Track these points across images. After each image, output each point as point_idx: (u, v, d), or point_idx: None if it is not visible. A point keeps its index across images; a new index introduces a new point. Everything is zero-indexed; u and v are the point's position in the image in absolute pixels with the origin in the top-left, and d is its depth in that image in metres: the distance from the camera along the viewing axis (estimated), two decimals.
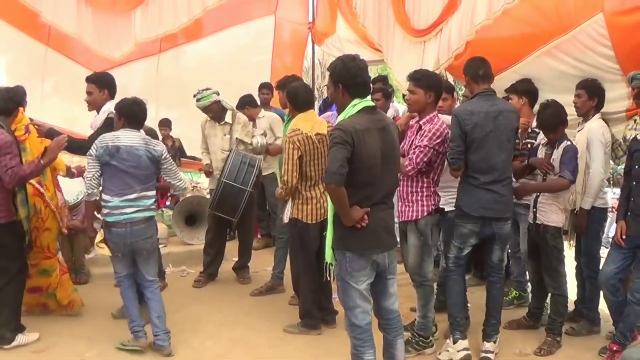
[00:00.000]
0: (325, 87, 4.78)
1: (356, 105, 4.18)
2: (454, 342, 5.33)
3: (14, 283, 5.54)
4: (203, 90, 7.31)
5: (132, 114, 5.44)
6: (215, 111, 7.37)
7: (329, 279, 4.49)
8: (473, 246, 5.36)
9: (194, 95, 7.33)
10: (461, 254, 5.35)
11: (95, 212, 5.69)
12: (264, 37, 11.29)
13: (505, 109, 5.25)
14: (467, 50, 6.55)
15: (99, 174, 5.27)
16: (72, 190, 6.10)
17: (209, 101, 7.26)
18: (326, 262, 4.42)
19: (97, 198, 5.31)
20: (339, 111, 4.42)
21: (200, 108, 7.35)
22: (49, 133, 5.98)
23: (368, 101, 4.26)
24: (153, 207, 5.44)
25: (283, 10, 11.36)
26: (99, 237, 5.47)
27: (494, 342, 5.42)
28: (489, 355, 5.36)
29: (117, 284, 5.59)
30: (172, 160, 5.62)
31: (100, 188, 5.32)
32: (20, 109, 5.77)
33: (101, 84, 6.14)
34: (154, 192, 5.47)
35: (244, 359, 5.48)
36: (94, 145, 5.31)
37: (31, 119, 6.46)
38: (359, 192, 4.13)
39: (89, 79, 6.22)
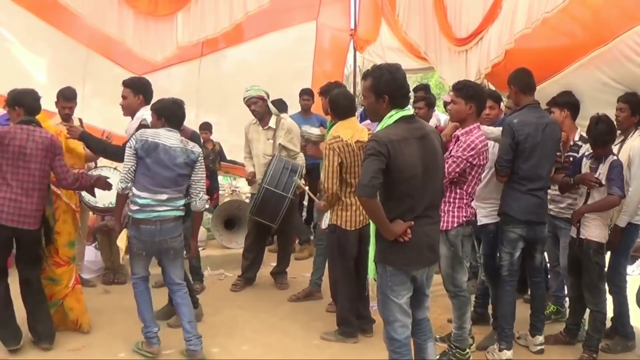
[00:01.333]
0: None
1: (392, 115, 4.12)
2: (500, 350, 5.43)
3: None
4: (254, 85, 7.41)
5: (171, 113, 5.42)
6: (260, 107, 7.37)
7: (370, 293, 4.46)
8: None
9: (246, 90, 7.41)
10: (513, 260, 5.45)
11: None
12: (305, 44, 11.30)
13: (551, 121, 5.45)
14: (506, 59, 6.50)
15: (134, 168, 5.23)
16: (105, 194, 6.10)
17: (258, 93, 7.32)
18: (367, 276, 4.40)
19: (129, 192, 5.27)
20: (373, 121, 4.41)
21: (247, 98, 7.37)
22: (83, 137, 5.94)
23: (406, 111, 4.19)
24: (182, 207, 5.39)
25: (325, 16, 11.37)
26: (123, 233, 5.43)
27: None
28: (543, 347, 5.68)
29: (133, 287, 5.51)
30: (204, 169, 5.52)
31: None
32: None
33: (136, 89, 6.05)
34: (183, 195, 5.40)
35: None
36: (133, 137, 5.30)
37: (80, 120, 6.51)
38: (400, 205, 4.08)
39: (125, 83, 6.16)
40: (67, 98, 6.95)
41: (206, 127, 9.87)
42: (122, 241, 5.35)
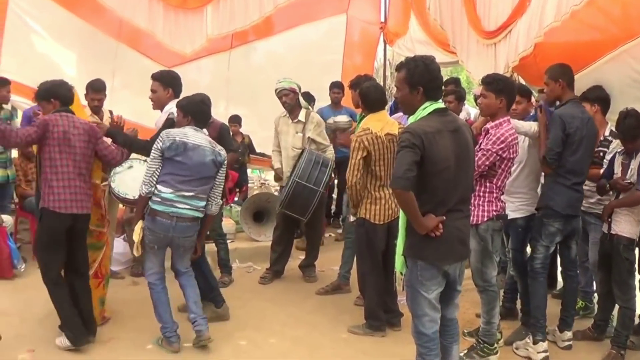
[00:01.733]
0: (396, 88, 4.77)
1: (427, 107, 4.07)
2: (535, 343, 5.41)
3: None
4: (286, 77, 7.45)
5: (198, 111, 5.41)
6: (291, 100, 7.38)
7: (397, 287, 4.44)
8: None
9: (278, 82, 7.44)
10: (548, 253, 5.48)
11: None
12: (335, 36, 11.29)
13: (591, 117, 5.48)
14: (536, 53, 6.45)
15: (159, 171, 5.22)
16: (135, 187, 6.12)
17: (290, 86, 7.35)
18: (395, 270, 4.38)
19: (150, 196, 5.23)
20: (406, 113, 4.36)
21: (279, 90, 7.38)
22: (110, 133, 5.87)
23: (439, 103, 4.15)
24: (202, 209, 5.38)
25: (355, 9, 11.35)
26: (139, 226, 5.40)
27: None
28: (571, 342, 5.65)
29: (149, 287, 5.45)
30: (225, 175, 5.57)
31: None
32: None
33: (166, 83, 6.02)
34: (206, 197, 5.38)
35: (307, 358, 5.46)
36: (160, 138, 5.27)
37: (110, 112, 6.53)
38: (432, 198, 4.03)
39: (154, 77, 6.13)
40: (96, 90, 7.00)
41: (235, 119, 9.91)
42: (136, 235, 5.30)
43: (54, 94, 5.46)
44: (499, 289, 5.55)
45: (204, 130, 5.49)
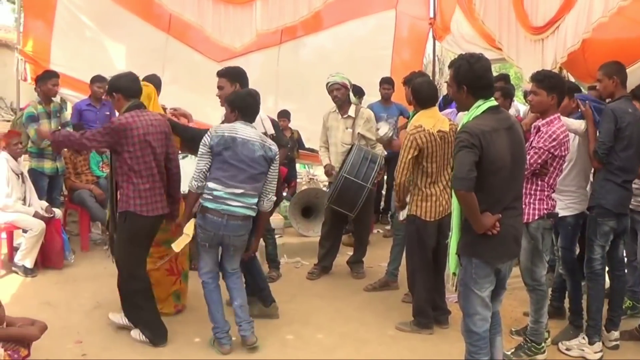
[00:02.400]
0: (445, 84, 4.75)
1: (480, 106, 4.09)
2: (591, 344, 5.37)
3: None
4: (339, 72, 7.44)
5: (246, 105, 5.36)
6: (343, 95, 7.38)
7: (451, 287, 4.43)
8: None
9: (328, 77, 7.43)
10: (604, 252, 5.42)
11: None
12: (384, 32, 11.22)
13: None
14: (585, 49, 6.38)
15: (208, 167, 5.17)
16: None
17: (343, 81, 7.35)
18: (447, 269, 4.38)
19: (201, 192, 5.19)
20: (461, 111, 4.37)
21: (331, 84, 7.39)
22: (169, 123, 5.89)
23: (492, 101, 4.15)
24: (255, 207, 5.30)
25: (404, 4, 11.27)
26: (192, 222, 5.33)
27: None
28: (618, 342, 5.54)
29: (202, 286, 5.41)
30: (277, 170, 5.47)
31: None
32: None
33: (232, 78, 6.00)
34: (257, 194, 5.31)
35: (353, 355, 5.44)
36: (208, 134, 5.23)
37: (163, 106, 6.57)
38: (489, 197, 4.02)
39: (219, 74, 6.12)
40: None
41: (284, 114, 9.92)
42: (189, 230, 5.25)
43: (115, 88, 5.38)
44: (547, 288, 5.53)
45: (254, 125, 5.44)
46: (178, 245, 5.33)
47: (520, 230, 4.30)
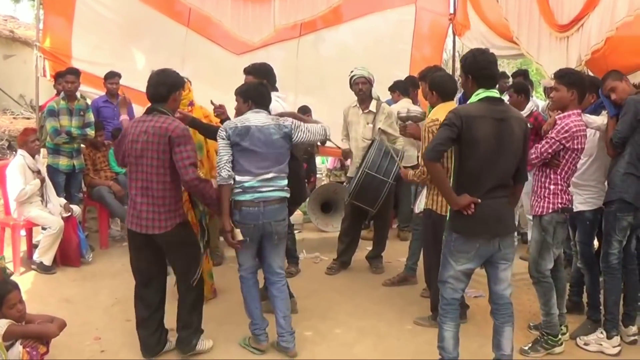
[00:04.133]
0: None
1: (479, 94, 4.42)
2: (609, 338, 5.40)
3: (200, 284, 5.23)
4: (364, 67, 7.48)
5: (258, 94, 5.29)
6: (365, 90, 7.42)
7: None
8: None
9: (352, 70, 7.47)
10: (622, 247, 5.44)
11: None
12: (404, 27, 11.11)
13: None
14: (605, 47, 6.36)
15: (231, 158, 5.05)
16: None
17: (369, 75, 7.40)
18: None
19: (232, 182, 5.05)
20: (467, 99, 4.67)
21: (356, 77, 7.41)
22: (193, 123, 5.79)
23: (492, 92, 4.44)
24: (287, 188, 5.21)
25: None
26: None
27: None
28: (636, 337, 5.57)
29: (240, 281, 5.33)
30: (300, 125, 5.29)
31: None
32: (187, 87, 5.78)
33: (260, 75, 5.98)
34: (287, 173, 5.25)
35: (372, 350, 5.45)
36: (222, 127, 5.17)
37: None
38: (468, 180, 4.36)
39: (246, 71, 6.10)
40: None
41: (306, 110, 9.91)
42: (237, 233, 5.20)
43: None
44: (566, 282, 5.69)
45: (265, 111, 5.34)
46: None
47: (503, 211, 4.48)
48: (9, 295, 4.42)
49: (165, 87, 4.95)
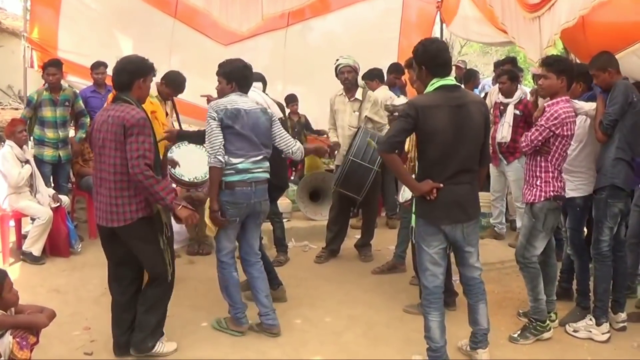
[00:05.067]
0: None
1: (434, 84, 4.46)
2: (599, 325, 5.43)
3: (165, 285, 4.96)
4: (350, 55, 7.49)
5: (243, 77, 5.33)
6: (351, 79, 7.43)
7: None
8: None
9: (337, 59, 7.47)
10: (612, 234, 5.46)
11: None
12: (391, 15, 11.11)
13: None
14: (583, 29, 6.35)
15: (223, 141, 5.05)
16: (191, 169, 6.09)
17: (354, 64, 7.41)
18: (411, 227, 4.74)
19: (224, 165, 5.05)
20: (419, 91, 4.82)
21: (342, 65, 7.42)
22: (181, 136, 5.86)
23: (447, 79, 4.49)
24: (268, 169, 5.32)
25: None
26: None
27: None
28: (625, 324, 5.59)
29: (220, 266, 5.33)
30: (279, 124, 5.48)
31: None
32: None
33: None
34: (269, 156, 5.33)
35: (361, 337, 5.46)
36: (211, 109, 5.13)
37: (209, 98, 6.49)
38: (430, 167, 4.44)
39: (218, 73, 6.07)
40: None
41: (293, 99, 9.92)
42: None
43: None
44: (557, 270, 5.75)
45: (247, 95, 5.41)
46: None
47: (468, 199, 4.55)
48: (6, 279, 4.41)
49: (127, 74, 4.76)
